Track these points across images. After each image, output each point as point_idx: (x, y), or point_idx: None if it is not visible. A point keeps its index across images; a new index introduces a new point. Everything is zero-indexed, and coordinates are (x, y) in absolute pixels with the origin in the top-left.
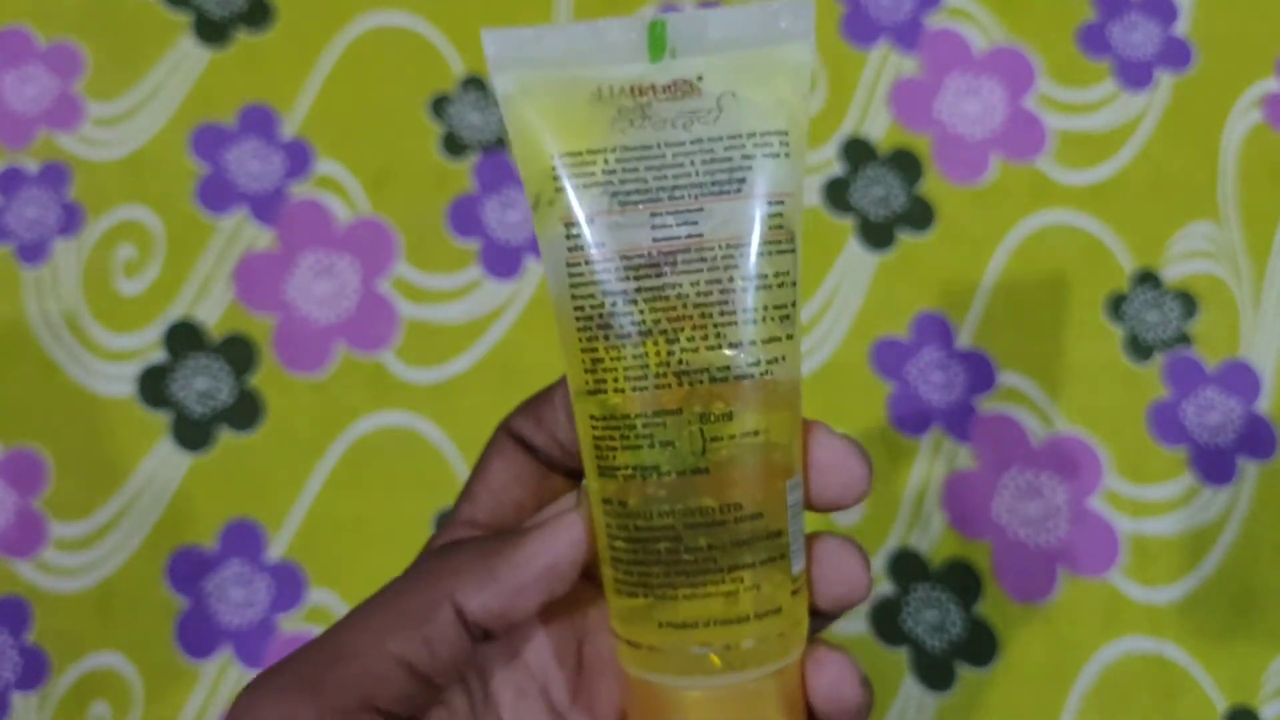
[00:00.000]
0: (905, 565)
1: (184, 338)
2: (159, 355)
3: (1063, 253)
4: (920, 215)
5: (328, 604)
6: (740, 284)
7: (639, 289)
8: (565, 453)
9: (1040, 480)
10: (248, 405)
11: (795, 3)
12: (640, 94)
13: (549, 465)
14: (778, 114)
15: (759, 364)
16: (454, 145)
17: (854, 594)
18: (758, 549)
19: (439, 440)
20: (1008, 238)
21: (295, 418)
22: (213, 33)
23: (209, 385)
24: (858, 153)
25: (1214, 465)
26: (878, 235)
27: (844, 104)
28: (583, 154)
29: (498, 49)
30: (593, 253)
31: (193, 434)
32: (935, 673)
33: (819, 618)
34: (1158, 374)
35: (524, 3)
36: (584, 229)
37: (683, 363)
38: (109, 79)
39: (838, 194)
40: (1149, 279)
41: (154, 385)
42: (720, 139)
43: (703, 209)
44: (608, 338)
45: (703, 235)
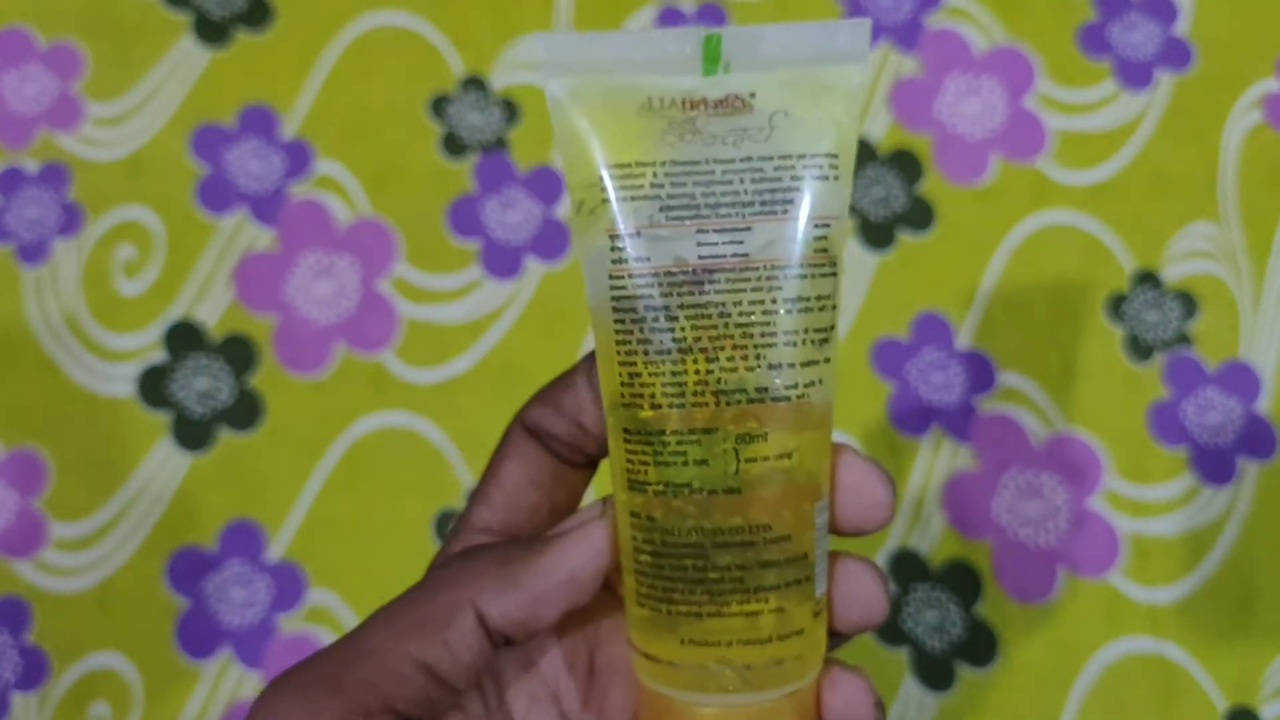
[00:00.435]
0: (905, 565)
1: (184, 338)
2: (159, 355)
3: (1063, 253)
4: (920, 215)
5: (328, 604)
6: (783, 306)
7: (681, 305)
8: (589, 436)
9: (1040, 480)
10: (248, 405)
11: (853, 22)
12: (692, 107)
13: (565, 458)
14: (829, 135)
15: (796, 386)
16: (454, 145)
17: (871, 617)
18: (784, 571)
19: (439, 440)
20: (1008, 238)
21: (295, 418)
22: (213, 33)
23: (209, 385)
24: (858, 152)
25: (1214, 465)
26: (878, 235)
27: None
28: (631, 166)
29: (550, 52)
30: (637, 266)
31: (193, 434)
32: (935, 673)
33: (835, 637)
34: (1158, 374)
35: (524, 3)
36: (629, 242)
37: (721, 381)
38: (109, 79)
39: None
40: (1149, 279)
41: (154, 385)
42: (770, 158)
43: (749, 228)
44: (647, 353)
45: (748, 255)
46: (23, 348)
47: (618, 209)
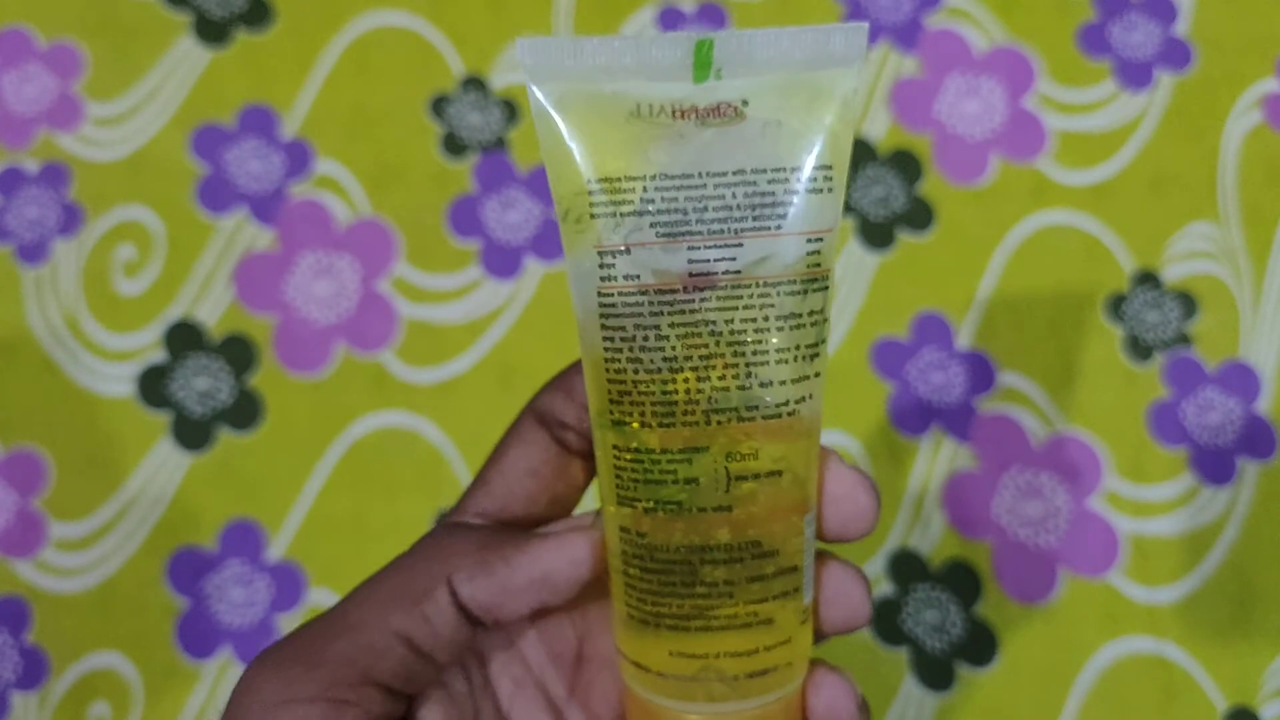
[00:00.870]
0: (905, 565)
1: (184, 338)
2: (159, 355)
3: (1063, 253)
4: (920, 215)
5: (328, 604)
6: (775, 323)
7: (672, 324)
8: None
9: (1040, 480)
10: (248, 405)
11: (850, 26)
12: (681, 116)
13: (573, 447)
14: (823, 146)
15: (787, 403)
16: (454, 145)
17: (855, 620)
18: (773, 584)
19: (439, 440)
20: (1008, 238)
21: (295, 418)
22: (213, 33)
23: (209, 385)
24: (858, 152)
25: (1214, 465)
26: (878, 235)
27: None
28: (620, 180)
29: (535, 58)
30: (626, 284)
31: (193, 434)
32: (935, 673)
33: (819, 636)
34: (1158, 374)
35: (524, 3)
36: (618, 259)
37: (712, 400)
38: (109, 79)
39: None
40: (1149, 279)
41: (154, 385)
42: (764, 171)
43: (742, 244)
44: (637, 371)
45: (740, 271)
46: (23, 348)
47: (607, 225)
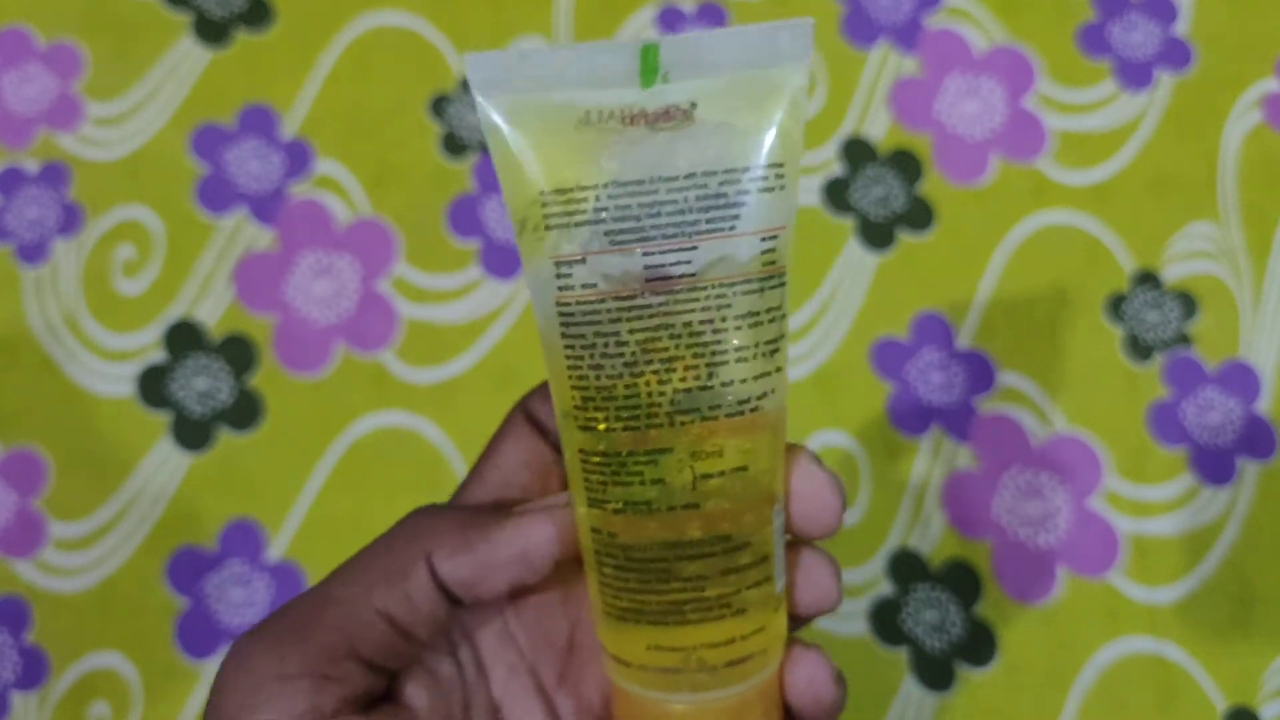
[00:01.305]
0: (905, 565)
1: (184, 338)
2: (159, 355)
3: (1063, 253)
4: (920, 215)
5: None
6: (733, 322)
7: (631, 329)
8: None
9: (1040, 480)
10: (248, 405)
11: (795, 22)
12: (631, 122)
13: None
14: (773, 144)
15: (749, 400)
16: (454, 145)
17: (825, 604)
18: (746, 575)
19: (439, 440)
20: (1008, 238)
21: (295, 418)
22: (213, 33)
23: (209, 385)
24: (858, 153)
25: (1214, 465)
26: (878, 235)
27: (844, 104)
28: (573, 189)
29: (481, 73)
30: (584, 293)
31: (193, 434)
32: (935, 673)
33: (793, 620)
34: (1158, 374)
35: (524, 3)
36: (574, 268)
37: (675, 402)
38: (109, 79)
39: (838, 194)
40: (1149, 279)
41: (154, 385)
42: (715, 173)
43: (696, 247)
44: (599, 376)
45: (696, 274)
46: (23, 348)
47: (561, 234)
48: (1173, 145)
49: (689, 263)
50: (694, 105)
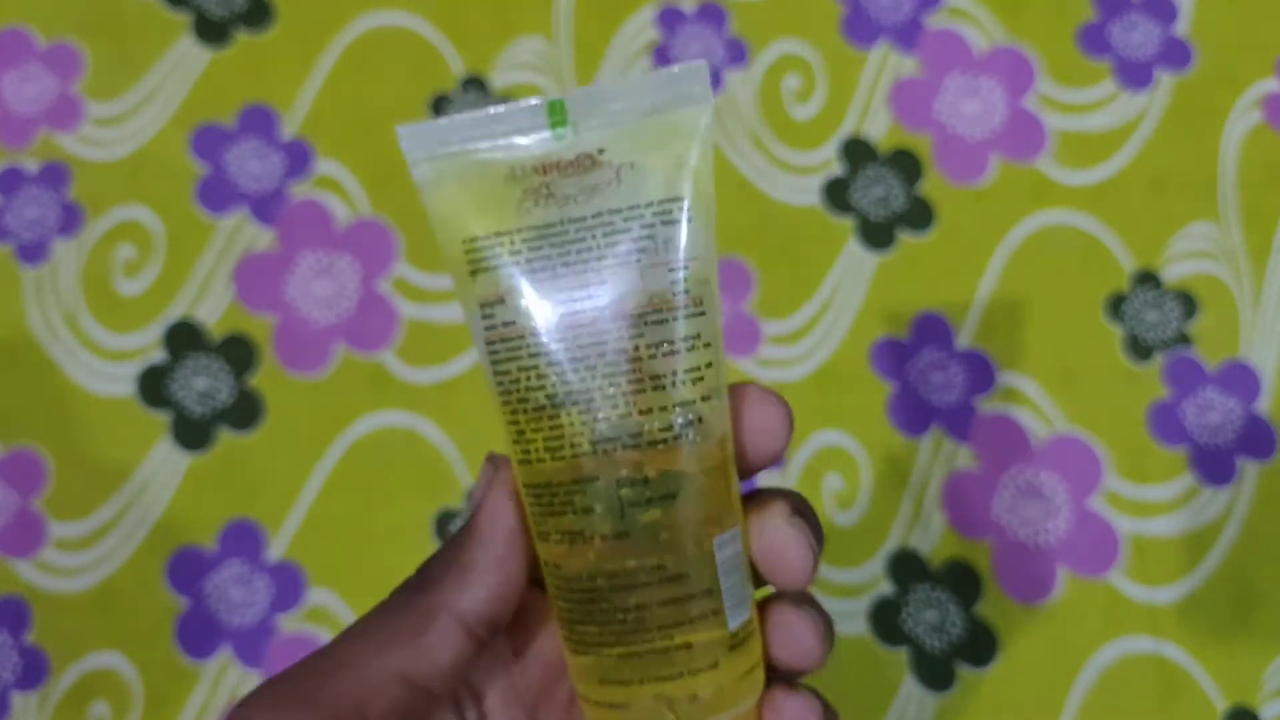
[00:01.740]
0: (905, 565)
1: (184, 338)
2: (159, 355)
3: (1063, 253)
4: (920, 215)
5: (327, 604)
6: (647, 352)
7: (550, 364)
8: None
9: (1040, 480)
10: (248, 405)
11: (691, 66)
12: (545, 172)
13: None
14: (677, 180)
15: (670, 429)
16: None
17: (805, 664)
18: (686, 607)
19: (439, 440)
20: (1008, 238)
21: (295, 418)
22: (213, 33)
23: (209, 385)
24: (858, 153)
25: (1214, 465)
26: (878, 235)
27: (844, 104)
28: (491, 236)
29: (411, 145)
30: (506, 331)
31: (193, 434)
32: (935, 673)
33: (773, 674)
34: (1158, 374)
35: (524, 3)
36: (496, 309)
37: (595, 432)
38: (109, 79)
39: (838, 194)
40: (1149, 279)
41: (154, 385)
42: (619, 210)
43: (605, 282)
44: (526, 410)
45: (606, 307)
46: (23, 348)
47: (485, 279)
48: (1173, 145)
49: (600, 297)
50: (601, 150)
